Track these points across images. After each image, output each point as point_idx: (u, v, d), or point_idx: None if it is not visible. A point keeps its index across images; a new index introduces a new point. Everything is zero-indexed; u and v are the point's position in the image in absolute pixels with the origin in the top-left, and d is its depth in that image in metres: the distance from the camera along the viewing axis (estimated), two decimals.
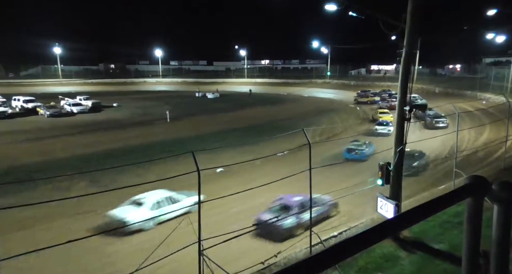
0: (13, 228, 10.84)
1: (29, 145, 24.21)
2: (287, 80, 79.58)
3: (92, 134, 28.36)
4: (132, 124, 33.47)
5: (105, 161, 19.91)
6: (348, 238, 0.99)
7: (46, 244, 6.06)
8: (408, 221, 1.21)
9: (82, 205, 12.94)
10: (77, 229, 11.07)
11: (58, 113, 37.27)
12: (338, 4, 9.62)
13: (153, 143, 25.11)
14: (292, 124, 30.07)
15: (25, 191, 14.12)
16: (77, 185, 15.63)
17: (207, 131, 29.59)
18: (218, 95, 60.67)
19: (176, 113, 37.74)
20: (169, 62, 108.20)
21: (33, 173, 17.72)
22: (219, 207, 11.53)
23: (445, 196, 1.24)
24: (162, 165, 17.72)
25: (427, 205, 1.20)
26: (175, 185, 14.42)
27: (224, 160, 18.21)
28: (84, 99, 43.89)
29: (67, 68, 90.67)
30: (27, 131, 29.17)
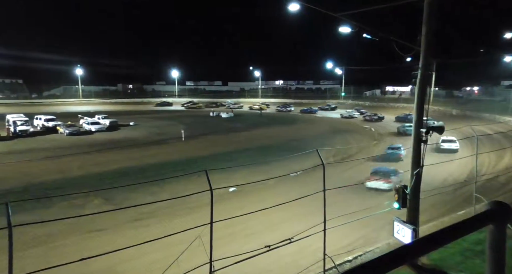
0: (28, 245, 10.95)
1: (47, 163, 24.81)
2: (301, 100, 79.99)
3: (109, 153, 28.91)
4: (148, 143, 34.00)
5: (120, 179, 20.16)
6: (363, 263, 0.97)
7: (62, 261, 6.07)
8: (427, 247, 1.17)
9: (96, 222, 13.02)
10: (92, 246, 11.08)
11: (77, 131, 38.32)
12: (352, 27, 9.75)
13: (168, 161, 25.34)
14: (305, 145, 29.95)
15: (41, 208, 14.35)
16: (91, 202, 15.78)
17: (220, 150, 29.73)
18: (232, 114, 61.39)
19: (191, 132, 38.21)
20: (185, 83, 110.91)
21: (51, 190, 18.06)
22: (231, 227, 11.39)
23: (465, 222, 1.20)
24: (175, 184, 17.78)
25: (446, 231, 1.16)
26: (187, 204, 14.43)
27: (237, 180, 18.17)
28: (102, 118, 45.10)
29: (87, 88, 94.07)
30: (46, 149, 30.01)
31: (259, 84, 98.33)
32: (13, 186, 18.78)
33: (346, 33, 10.29)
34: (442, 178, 19.59)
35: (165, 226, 12.70)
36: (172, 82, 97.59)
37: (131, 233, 12.35)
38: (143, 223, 13.38)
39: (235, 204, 14.81)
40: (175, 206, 14.77)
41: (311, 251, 10.80)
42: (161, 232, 11.13)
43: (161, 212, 14.34)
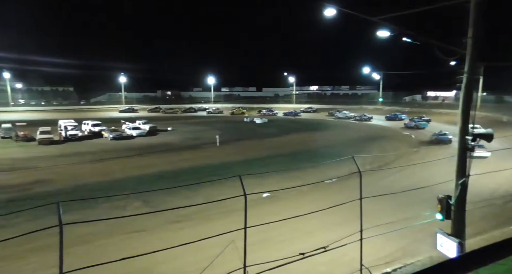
0: (74, 243, 11.65)
1: (93, 166, 26.38)
2: (336, 106, 78.53)
3: (148, 157, 30.15)
4: (184, 147, 35.04)
5: (158, 183, 20.93)
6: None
7: (104, 259, 6.41)
8: (475, 262, 1.11)
9: (136, 223, 13.59)
10: (132, 246, 11.56)
11: (120, 136, 40.41)
12: (391, 31, 9.43)
13: (202, 166, 25.91)
14: (340, 151, 29.28)
15: (87, 208, 15.22)
16: (132, 204, 16.50)
17: (254, 155, 29.90)
18: (266, 120, 61.62)
19: (225, 138, 38.83)
20: (221, 89, 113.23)
21: (95, 192, 19.15)
22: (265, 233, 11.36)
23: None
24: (209, 188, 18.11)
25: (497, 246, 1.09)
26: (222, 208, 14.63)
27: (270, 186, 18.16)
28: (143, 123, 47.21)
29: (130, 95, 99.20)
30: (92, 152, 31.93)
31: (293, 89, 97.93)
32: (63, 187, 20.15)
33: (384, 37, 9.98)
34: (491, 189, 18.26)
35: (200, 229, 12.95)
36: (208, 88, 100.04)
37: (168, 235, 12.73)
38: (179, 226, 13.74)
39: (268, 210, 14.78)
40: (209, 210, 15.05)
41: (347, 261, 10.48)
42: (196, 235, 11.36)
43: (196, 216, 14.66)
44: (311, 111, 74.96)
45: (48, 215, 10.23)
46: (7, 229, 12.16)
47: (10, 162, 27.24)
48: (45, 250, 10.20)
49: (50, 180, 21.70)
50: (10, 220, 13.10)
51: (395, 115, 59.80)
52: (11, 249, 10.74)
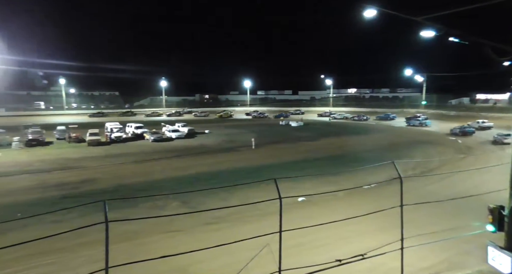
0: (117, 240, 12.27)
1: (135, 166, 27.73)
2: (375, 109, 75.93)
3: (186, 158, 31.10)
4: (220, 150, 35.70)
5: (195, 184, 21.51)
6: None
7: (144, 256, 6.72)
8: None
9: (174, 223, 14.06)
10: (170, 245, 11.98)
11: (160, 138, 42.14)
12: (437, 30, 8.93)
13: (238, 168, 26.22)
14: (378, 156, 28.25)
15: (129, 207, 16.00)
16: (170, 205, 17.09)
17: (289, 159, 29.74)
18: (302, 123, 61.06)
19: (261, 141, 39.00)
20: (256, 92, 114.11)
21: (137, 191, 20.09)
22: (300, 237, 11.23)
23: None
24: (244, 191, 18.28)
25: None
26: (257, 211, 14.70)
27: (306, 190, 17.95)
28: (182, 126, 48.85)
29: (170, 98, 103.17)
30: (135, 153, 33.57)
31: (330, 92, 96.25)
32: (108, 186, 21.38)
33: (429, 38, 9.50)
34: None
35: (235, 231, 13.10)
36: (244, 91, 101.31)
37: (204, 235, 13.01)
38: (215, 227, 14.00)
39: (304, 214, 14.60)
40: (244, 212, 15.16)
41: (386, 270, 10.07)
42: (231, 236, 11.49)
43: (231, 218, 14.85)
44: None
45: (95, 212, 10.90)
46: (62, 224, 13.12)
47: (63, 161, 29.43)
48: (93, 244, 10.85)
49: (97, 179, 23.12)
50: (64, 216, 14.13)
51: (386, 115, 66.22)
52: (64, 242, 11.58)
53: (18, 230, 13.01)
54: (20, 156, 32.07)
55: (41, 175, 24.28)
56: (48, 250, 11.22)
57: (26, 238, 6.29)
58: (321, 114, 75.18)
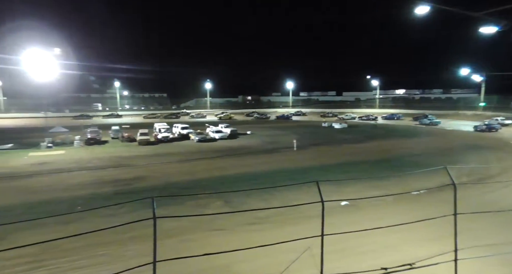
0: (163, 236, 12.85)
1: (180, 165, 28.89)
2: (426, 111, 71.55)
3: (228, 159, 31.73)
4: (262, 151, 35.92)
5: (237, 184, 21.85)
6: None
7: (188, 253, 6.98)
8: None
9: (217, 222, 14.41)
10: (212, 243, 12.30)
11: (204, 138, 43.50)
12: (500, 26, 8.16)
13: (279, 170, 26.18)
14: (429, 161, 26.62)
15: (174, 204, 16.70)
16: (213, 203, 17.54)
17: (331, 161, 29.08)
18: (346, 125, 59.40)
19: (302, 142, 38.60)
20: (299, 93, 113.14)
21: (182, 189, 20.91)
22: (343, 242, 10.94)
23: None
24: (286, 192, 18.19)
25: None
26: (298, 213, 14.57)
27: (349, 194, 17.41)
28: (225, 127, 49.98)
29: (214, 100, 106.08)
30: (180, 153, 34.99)
31: (376, 93, 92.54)
32: (156, 183, 22.49)
33: (489, 34, 8.73)
34: None
35: (277, 232, 13.08)
36: (287, 93, 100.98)
37: (246, 235, 13.17)
38: (257, 228, 14.10)
39: (347, 219, 14.19)
40: (286, 214, 15.10)
41: None
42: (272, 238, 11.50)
43: (272, 219, 14.86)
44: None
45: (144, 208, 11.54)
46: (114, 218, 14.05)
47: (116, 159, 31.55)
48: (141, 239, 11.48)
49: (146, 177, 24.43)
50: (116, 210, 15.13)
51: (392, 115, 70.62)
52: (116, 235, 12.39)
53: (78, 221, 14.20)
54: (80, 154, 34.94)
55: (97, 171, 26.24)
56: (101, 242, 12.07)
57: (84, 229, 6.86)
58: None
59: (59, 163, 29.77)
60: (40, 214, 15.30)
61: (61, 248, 11.43)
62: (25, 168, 27.71)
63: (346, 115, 73.74)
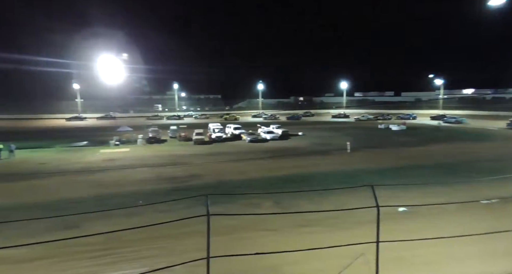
0: (215, 233, 13.26)
1: (232, 165, 29.62)
2: (500, 112, 64.57)
3: (279, 160, 31.77)
4: (313, 152, 35.35)
5: (287, 185, 21.78)
6: None
7: (239, 251, 7.15)
8: None
9: (267, 222, 14.53)
10: (262, 243, 12.45)
11: (256, 139, 44.10)
12: None
13: (331, 172, 25.54)
14: (501, 167, 24.01)
15: (227, 203, 17.18)
16: (264, 203, 17.71)
17: (387, 165, 27.63)
18: (405, 127, 55.98)
19: (356, 145, 37.26)
20: (353, 94, 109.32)
21: (234, 188, 21.43)
22: (399, 251, 10.35)
23: None
24: (337, 195, 17.74)
25: None
26: (351, 218, 14.09)
27: (408, 200, 16.41)
28: (276, 128, 50.16)
29: (266, 101, 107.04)
30: (232, 153, 35.89)
31: (440, 93, 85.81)
32: (209, 181, 23.36)
33: None
34: None
35: (328, 236, 12.81)
36: (341, 93, 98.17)
37: (296, 237, 13.09)
38: (307, 230, 13.93)
39: (404, 227, 13.37)
40: (337, 218, 14.71)
41: None
42: (323, 241, 11.27)
43: (324, 222, 14.56)
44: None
45: (199, 205, 12.05)
46: (171, 213, 14.92)
47: (174, 157, 33.40)
48: (195, 234, 11.97)
49: (201, 175, 25.49)
50: (173, 206, 16.02)
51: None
52: (172, 230, 13.13)
53: (139, 215, 15.33)
54: (142, 151, 37.64)
55: (157, 168, 28.03)
56: (159, 235, 12.87)
57: (144, 222, 7.40)
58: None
59: (124, 160, 32.37)
60: (109, 206, 16.86)
61: (125, 239, 12.42)
62: (97, 164, 30.62)
63: (363, 116, 72.47)
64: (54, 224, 13.59)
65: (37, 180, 24.15)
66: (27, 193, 20.74)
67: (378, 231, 7.08)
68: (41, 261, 10.95)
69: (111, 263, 11.02)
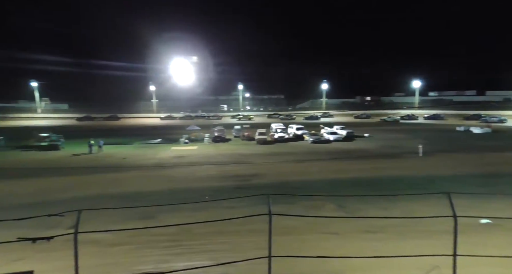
0: (277, 232, 13.33)
1: (294, 165, 29.56)
2: None
3: (343, 162, 30.78)
4: (381, 155, 33.50)
5: (352, 189, 21.00)
6: None
7: (302, 253, 7.13)
8: None
9: (329, 225, 14.19)
10: (324, 246, 12.21)
11: (318, 140, 43.35)
12: None
13: (400, 177, 23.97)
14: None
15: (288, 203, 17.15)
16: (327, 206, 17.31)
17: (467, 171, 24.98)
18: (489, 130, 49.93)
19: (430, 148, 34.41)
20: (427, 93, 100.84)
21: (295, 189, 21.35)
22: (484, 267, 9.28)
23: None
24: (408, 202, 16.63)
25: None
26: (422, 226, 13.07)
27: (492, 211, 14.67)
28: (340, 128, 48.65)
29: (330, 101, 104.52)
30: (294, 153, 35.80)
31: None
32: (271, 181, 23.61)
33: None
34: None
35: (396, 244, 12.02)
36: (412, 93, 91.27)
37: (360, 243, 12.55)
38: (373, 237, 13.26)
39: (488, 240, 11.95)
40: (407, 226, 13.73)
41: None
42: (391, 250, 10.67)
43: (391, 229, 13.72)
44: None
45: (261, 204, 12.24)
46: (234, 210, 15.43)
47: (237, 156, 34.54)
48: (257, 233, 12.18)
49: (263, 174, 25.90)
50: (236, 203, 16.59)
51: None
52: (235, 227, 13.54)
53: (206, 210, 16.18)
54: (208, 150, 39.62)
55: (221, 166, 29.26)
56: (223, 231, 13.40)
57: (210, 217, 7.79)
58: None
59: (192, 157, 34.42)
60: (179, 200, 18.09)
61: (193, 232, 13.20)
62: (168, 160, 33.10)
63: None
64: (132, 213, 15.05)
65: (119, 173, 26.97)
66: (112, 184, 23.33)
67: (456, 243, 6.45)
68: (122, 247, 12.19)
69: (180, 254, 11.79)
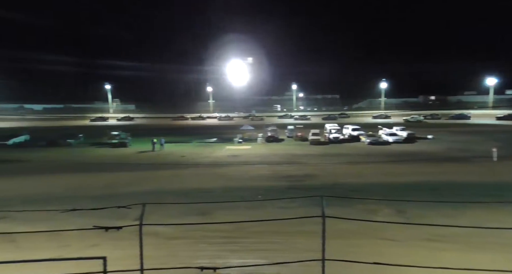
0: (330, 236, 13.02)
1: (349, 167, 28.60)
2: None
3: (402, 165, 29.01)
4: (446, 158, 30.95)
5: (412, 193, 19.74)
6: None
7: (357, 258, 6.92)
8: None
9: (387, 231, 13.52)
10: (380, 252, 11.69)
11: (376, 141, 41.39)
12: None
13: (469, 183, 21.91)
14: None
15: (342, 206, 16.63)
16: (383, 211, 16.52)
17: None
18: None
19: (508, 152, 30.84)
20: (504, 91, 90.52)
21: (349, 191, 20.65)
22: None
23: None
24: (477, 210, 15.26)
25: None
26: (493, 238, 11.84)
27: None
28: (400, 130, 45.90)
29: (389, 100, 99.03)
30: (349, 154, 34.64)
31: None
32: (324, 182, 23.16)
33: None
34: None
35: (462, 256, 11.07)
36: (485, 91, 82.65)
37: (421, 252, 11.77)
38: (437, 246, 12.36)
39: None
40: (476, 237, 12.54)
41: None
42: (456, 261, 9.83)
43: (458, 239, 12.64)
44: None
45: (313, 205, 12.10)
46: (286, 210, 15.47)
47: (290, 156, 34.46)
48: (309, 234, 12.06)
49: (316, 175, 25.52)
50: (288, 204, 16.60)
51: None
52: (287, 227, 13.57)
53: (259, 208, 16.44)
54: (262, 149, 40.11)
55: (274, 166, 29.44)
56: (276, 231, 13.49)
57: (263, 216, 7.91)
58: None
59: (246, 156, 35.14)
60: (233, 198, 18.67)
61: (248, 230, 13.50)
62: (223, 159, 34.23)
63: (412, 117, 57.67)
64: (190, 209, 15.88)
65: (178, 170, 28.59)
66: (171, 180, 24.84)
67: None
68: (179, 240, 12.93)
69: (235, 251, 12.17)
